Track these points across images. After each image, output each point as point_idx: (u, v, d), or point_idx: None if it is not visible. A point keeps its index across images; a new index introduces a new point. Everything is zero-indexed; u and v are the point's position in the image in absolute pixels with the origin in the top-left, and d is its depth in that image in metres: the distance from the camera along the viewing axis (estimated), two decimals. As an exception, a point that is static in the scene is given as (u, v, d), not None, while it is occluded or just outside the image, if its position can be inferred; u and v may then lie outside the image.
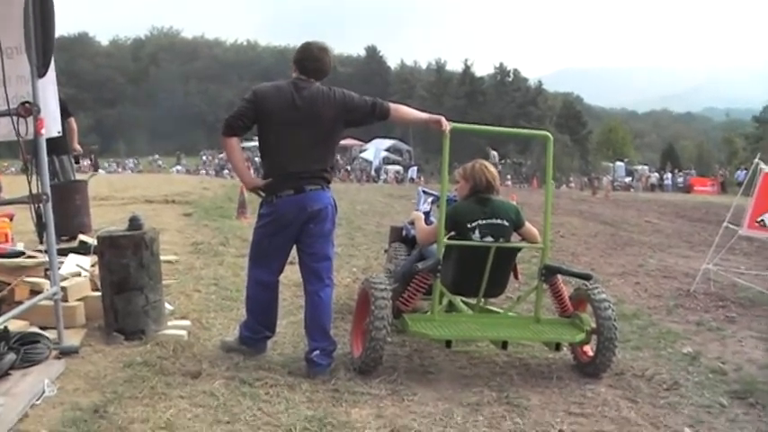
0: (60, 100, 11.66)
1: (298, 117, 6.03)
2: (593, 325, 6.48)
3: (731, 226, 10.55)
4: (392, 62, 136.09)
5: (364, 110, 6.28)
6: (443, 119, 6.50)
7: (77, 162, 12.82)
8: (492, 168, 6.91)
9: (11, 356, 5.31)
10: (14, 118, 5.69)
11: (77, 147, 12.18)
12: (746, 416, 5.71)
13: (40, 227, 6.08)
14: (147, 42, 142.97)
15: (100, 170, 54.87)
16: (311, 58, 6.24)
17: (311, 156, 6.11)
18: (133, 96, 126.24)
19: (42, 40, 5.82)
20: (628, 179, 67.23)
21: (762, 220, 10.37)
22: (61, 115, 11.19)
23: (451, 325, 6.47)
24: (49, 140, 9.21)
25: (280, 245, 6.26)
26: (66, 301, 6.70)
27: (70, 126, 11.66)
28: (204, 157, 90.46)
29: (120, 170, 74.27)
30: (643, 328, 8.14)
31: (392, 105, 6.42)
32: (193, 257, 10.97)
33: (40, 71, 5.90)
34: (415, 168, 67.66)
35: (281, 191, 6.08)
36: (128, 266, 6.57)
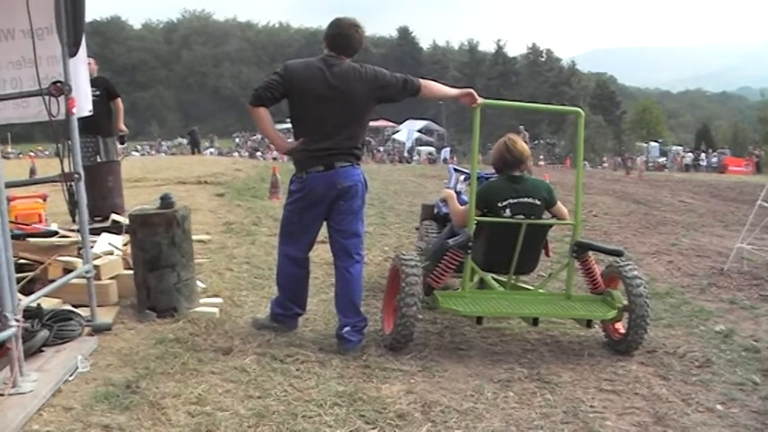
0: (107, 81, 11.88)
1: (329, 94, 6.02)
2: (625, 302, 6.44)
3: (765, 205, 10.45)
4: (424, 43, 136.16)
5: (396, 86, 6.27)
6: (474, 92, 6.48)
7: (122, 143, 12.98)
8: (520, 144, 6.86)
9: (44, 333, 5.35)
10: (46, 98, 5.72)
11: (123, 127, 12.31)
12: (779, 393, 5.67)
13: (73, 205, 6.12)
14: (180, 25, 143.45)
15: (133, 153, 55.25)
16: (341, 35, 6.22)
17: (342, 132, 6.10)
18: (166, 79, 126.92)
19: (73, 18, 5.83)
20: (662, 159, 66.90)
21: (796, 200, 10.28)
22: (108, 96, 11.42)
23: (482, 302, 6.46)
24: (95, 120, 9.32)
25: (310, 221, 6.27)
26: (99, 279, 6.74)
27: (117, 107, 11.85)
28: (237, 139, 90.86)
29: (153, 153, 74.69)
30: (675, 306, 8.09)
31: (423, 82, 6.41)
32: (226, 237, 11.03)
33: (71, 50, 5.92)
34: (448, 149, 67.70)
35: (311, 167, 6.09)
36: (160, 244, 6.61)
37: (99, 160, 11.44)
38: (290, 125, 6.34)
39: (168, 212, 6.72)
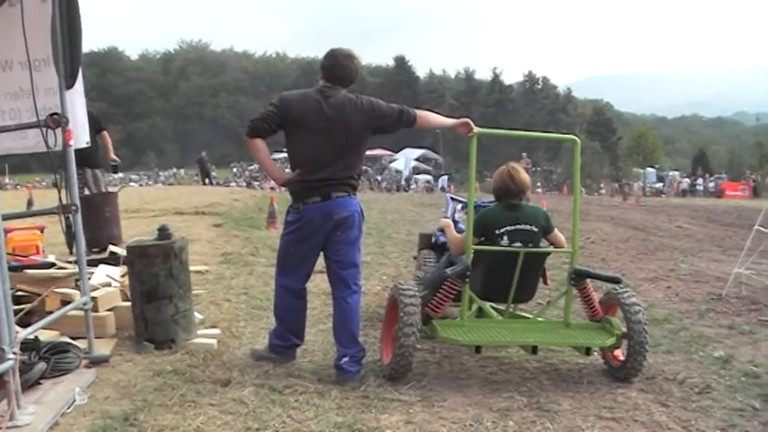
0: (92, 115, 12.04)
1: (325, 125, 6.04)
2: (624, 329, 6.44)
3: (763, 230, 10.46)
4: (421, 71, 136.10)
5: (391, 117, 6.29)
6: (470, 121, 6.48)
7: (116, 172, 13.21)
8: (522, 173, 6.87)
9: (41, 366, 5.34)
10: (44, 129, 5.73)
11: (114, 157, 12.52)
12: (779, 419, 5.66)
13: (70, 237, 6.11)
14: (177, 56, 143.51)
15: (131, 183, 54.48)
16: (337, 66, 6.24)
17: (338, 163, 6.11)
18: (163, 110, 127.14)
19: (70, 51, 5.86)
20: (659, 185, 67.01)
21: (794, 224, 10.30)
22: (94, 130, 11.54)
23: (481, 330, 6.45)
24: (83, 153, 9.39)
25: (307, 252, 6.27)
26: (97, 310, 6.73)
27: (104, 140, 12.07)
28: (234, 169, 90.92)
29: (150, 183, 74.74)
30: (674, 332, 8.08)
31: (418, 112, 6.43)
32: (223, 267, 11.02)
33: (68, 82, 5.94)
34: (446, 177, 67.58)
35: (307, 198, 6.09)
36: (157, 276, 6.60)
37: (86, 192, 11.55)
38: (285, 155, 6.36)
39: (166, 244, 6.72)
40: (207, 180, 50.51)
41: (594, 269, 8.04)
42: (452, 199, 8.87)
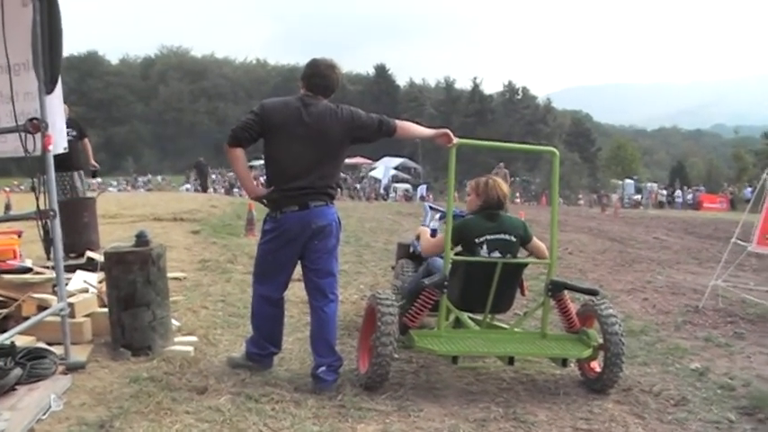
0: (74, 121, 12.25)
1: (305, 133, 6.03)
2: (601, 341, 6.46)
3: (740, 242, 10.51)
4: (401, 80, 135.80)
5: (371, 127, 6.29)
6: (449, 132, 6.49)
7: (95, 176, 13.60)
8: (504, 186, 6.93)
9: (17, 371, 5.31)
10: (22, 134, 5.71)
11: (95, 162, 13.05)
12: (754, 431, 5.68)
13: (48, 243, 6.08)
14: (157, 61, 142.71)
15: (109, 188, 53.92)
16: (319, 75, 6.24)
17: (317, 172, 6.10)
18: (142, 115, 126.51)
19: (50, 57, 5.84)
20: (637, 196, 67.21)
21: (770, 236, 10.35)
22: (78, 136, 11.83)
23: (458, 341, 6.45)
24: (70, 158, 9.43)
25: (284, 261, 6.26)
26: (74, 316, 6.71)
27: (84, 145, 12.61)
28: (213, 176, 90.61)
29: (129, 188, 74.42)
30: (651, 344, 8.11)
31: (398, 122, 6.43)
32: (201, 274, 11.00)
33: (48, 87, 5.92)
34: (424, 186, 67.60)
35: (285, 207, 6.08)
36: (135, 282, 6.58)
37: (73, 196, 11.71)
38: (263, 162, 6.35)
39: (143, 250, 6.70)
40: (205, 186, 48.91)
41: (572, 280, 8.07)
42: (431, 208, 8.89)
